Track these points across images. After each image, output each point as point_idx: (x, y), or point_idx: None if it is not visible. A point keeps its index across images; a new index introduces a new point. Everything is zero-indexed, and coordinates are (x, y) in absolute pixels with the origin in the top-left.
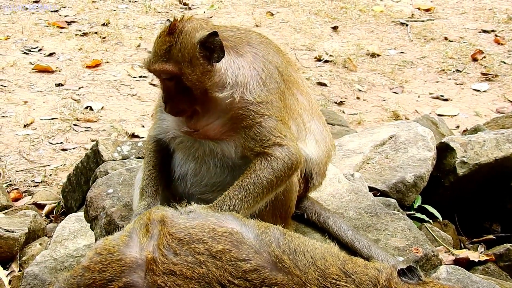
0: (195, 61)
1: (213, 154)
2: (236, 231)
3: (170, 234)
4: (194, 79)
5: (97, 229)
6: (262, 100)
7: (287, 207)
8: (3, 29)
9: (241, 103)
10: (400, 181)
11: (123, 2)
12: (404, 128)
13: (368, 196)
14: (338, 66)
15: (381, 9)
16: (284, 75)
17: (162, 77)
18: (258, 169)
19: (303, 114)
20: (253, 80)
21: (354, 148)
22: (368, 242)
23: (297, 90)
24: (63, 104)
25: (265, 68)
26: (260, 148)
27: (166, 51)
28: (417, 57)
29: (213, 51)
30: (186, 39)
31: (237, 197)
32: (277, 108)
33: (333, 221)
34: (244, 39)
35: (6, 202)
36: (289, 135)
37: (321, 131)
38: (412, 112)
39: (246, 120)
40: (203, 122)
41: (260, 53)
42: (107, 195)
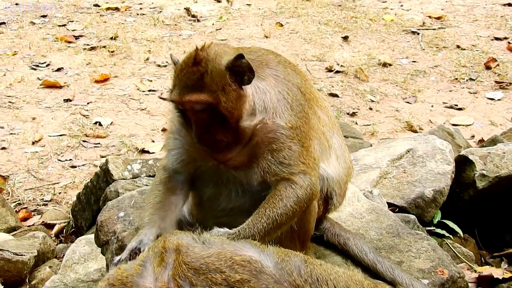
0: (228, 88)
1: (236, 180)
2: (255, 260)
3: (186, 264)
4: (229, 106)
5: (108, 254)
6: (292, 126)
7: (305, 230)
8: (10, 44)
9: (272, 127)
10: (419, 196)
11: (131, 15)
12: (422, 141)
13: (389, 215)
14: (349, 76)
15: (391, 18)
16: (306, 95)
17: (196, 108)
18: (285, 197)
19: (326, 131)
20: (280, 105)
21: (371, 162)
22: (391, 264)
23: (317, 107)
24: (72, 120)
25: (289, 91)
26: (287, 173)
27: (198, 81)
28: (430, 66)
29: (242, 74)
30: (215, 67)
31: (262, 226)
32: (304, 133)
33: (353, 243)
34: (263, 62)
35: (15, 223)
36: (312, 163)
37: (340, 146)
38: (426, 122)
39: (276, 143)
40: (233, 153)
41: (280, 74)
42: (118, 219)
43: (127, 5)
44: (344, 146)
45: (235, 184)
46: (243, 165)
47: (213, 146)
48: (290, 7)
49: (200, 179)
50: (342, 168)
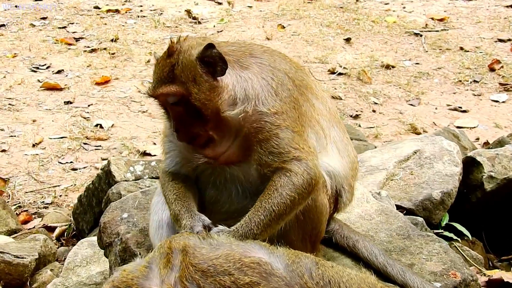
0: (199, 79)
1: (234, 179)
2: (265, 261)
3: (193, 265)
4: (202, 98)
5: (111, 257)
6: (277, 111)
7: (317, 231)
8: (10, 46)
9: (255, 116)
10: (426, 198)
11: (131, 17)
12: (429, 143)
13: (399, 216)
14: (352, 78)
15: (394, 20)
16: (296, 81)
17: (169, 101)
18: (279, 186)
19: (321, 120)
20: (264, 91)
21: (377, 164)
22: (402, 267)
23: (312, 95)
24: (73, 122)
25: (274, 76)
26: (279, 162)
27: (169, 73)
28: (433, 68)
29: (214, 64)
30: (186, 58)
31: (259, 219)
32: (293, 118)
33: (363, 245)
34: (246, 52)
35: (15, 225)
36: (306, 148)
37: (341, 139)
38: (430, 125)
39: (262, 132)
40: (221, 147)
41: (265, 62)
42: (121, 220)
43: (127, 7)
44: (346, 139)
45: (234, 183)
46: (236, 160)
47: (193, 140)
48: (291, 9)
49: (200, 181)
50: (347, 163)
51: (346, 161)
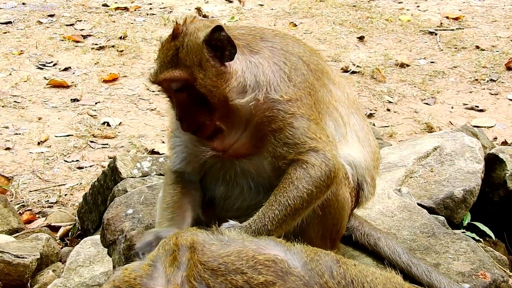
0: (205, 64)
1: (245, 174)
2: (281, 259)
3: (202, 263)
4: (208, 84)
5: (115, 255)
6: (291, 98)
7: (338, 227)
8: (16, 43)
9: (266, 104)
10: (448, 196)
11: (140, 15)
12: (449, 139)
13: (423, 213)
14: (366, 77)
15: (408, 18)
16: (311, 65)
17: (173, 87)
18: (295, 179)
19: (340, 107)
20: (276, 77)
21: (395, 161)
22: (427, 267)
23: (329, 80)
24: (79, 120)
25: (286, 60)
26: (294, 154)
27: (173, 57)
28: (449, 66)
29: (222, 48)
30: (191, 41)
31: (274, 214)
32: (308, 105)
33: (385, 243)
34: (257, 35)
35: (17, 224)
36: (324, 138)
37: (362, 127)
38: (446, 124)
39: (275, 122)
40: (230, 139)
41: (277, 45)
42: (126, 216)
43: (136, 5)
44: (367, 128)
45: (245, 178)
46: (247, 153)
47: (198, 131)
48: (303, 7)
49: (209, 177)
50: (368, 153)
51: (367, 151)
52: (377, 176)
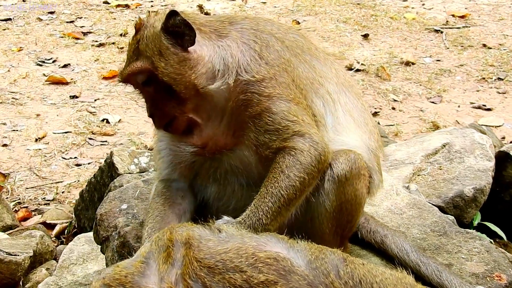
0: (165, 51)
1: (234, 170)
2: (283, 257)
3: (198, 260)
4: (171, 72)
5: (108, 252)
6: (264, 77)
7: (352, 223)
8: (16, 40)
9: (239, 87)
10: (457, 195)
11: (141, 12)
12: (459, 135)
13: (433, 211)
14: (370, 75)
15: (413, 16)
16: (286, 41)
17: (139, 81)
18: (285, 167)
19: (326, 83)
20: (245, 56)
21: (403, 158)
22: (438, 266)
23: (311, 56)
24: (78, 117)
25: (257, 38)
26: (279, 141)
27: (134, 50)
28: (455, 65)
29: (182, 34)
30: (150, 31)
31: (267, 207)
32: (285, 84)
33: (392, 241)
34: (225, 21)
35: (11, 221)
36: (307, 119)
37: (356, 106)
38: (452, 123)
39: (252, 106)
40: (208, 131)
41: (246, 26)
42: (120, 212)
43: (137, 3)
44: (361, 106)
45: (234, 175)
46: (229, 144)
47: (171, 126)
48: (307, 5)
49: (199, 179)
50: (367, 132)
51: (365, 130)
52: (381, 161)
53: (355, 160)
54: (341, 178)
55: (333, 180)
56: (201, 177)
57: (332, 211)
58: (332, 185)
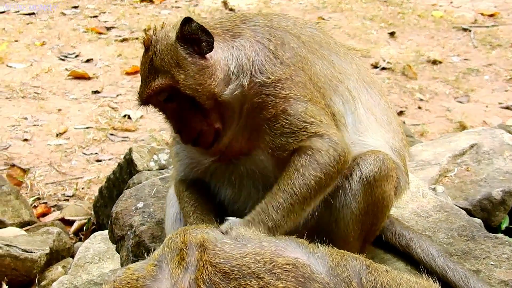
0: (183, 62)
1: (249, 174)
2: (303, 263)
3: (213, 265)
4: (192, 83)
5: (123, 252)
6: (279, 77)
7: (377, 226)
8: (39, 34)
9: (253, 89)
10: (485, 197)
11: (165, 7)
12: (487, 136)
13: (461, 214)
14: (396, 73)
15: (441, 14)
16: (302, 36)
17: (160, 99)
18: (300, 166)
19: (346, 80)
20: (259, 56)
21: (429, 158)
22: (465, 272)
23: (330, 51)
24: (99, 112)
25: (271, 36)
26: (295, 143)
27: (150, 69)
28: (483, 64)
29: (198, 40)
30: (163, 44)
31: (278, 202)
32: (301, 83)
33: (418, 245)
34: (237, 20)
35: (29, 217)
36: (326, 119)
37: (378, 104)
38: (480, 123)
39: (267, 109)
40: (226, 138)
41: (260, 22)
42: (136, 210)
43: None
44: (385, 105)
45: (251, 179)
46: (245, 148)
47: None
48: (333, 1)
49: (214, 182)
50: (388, 132)
51: (389, 129)
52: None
53: (384, 161)
54: (370, 179)
55: (361, 181)
56: (216, 180)
57: (359, 213)
58: (359, 186)
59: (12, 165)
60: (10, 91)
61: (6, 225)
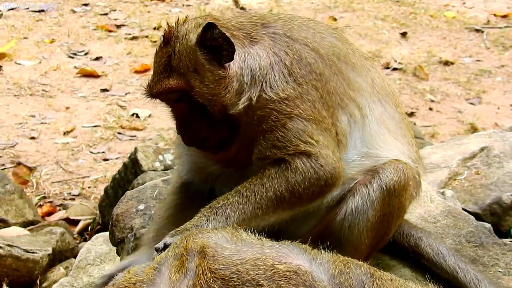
0: (201, 68)
1: None
2: (304, 270)
3: (212, 271)
4: (206, 92)
5: (123, 255)
6: (288, 96)
7: (389, 236)
8: (48, 31)
9: (259, 102)
10: (495, 201)
11: (176, 6)
12: (498, 139)
13: (470, 220)
14: (408, 74)
15: (453, 15)
16: (321, 50)
17: (170, 98)
18: (266, 176)
19: (358, 97)
20: (274, 70)
21: (438, 161)
22: (477, 274)
23: (347, 65)
24: (108, 110)
25: (289, 49)
26: (280, 154)
27: (166, 65)
28: (495, 65)
29: (219, 48)
30: (183, 44)
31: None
32: (310, 101)
33: (427, 243)
34: (257, 22)
35: (33, 216)
36: (323, 140)
37: (393, 117)
38: (491, 125)
39: (267, 122)
40: (232, 148)
41: (279, 30)
42: (137, 213)
43: None
44: (399, 117)
45: None
46: (249, 159)
47: (203, 144)
48: (344, 1)
49: (218, 188)
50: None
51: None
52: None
53: (404, 170)
54: (389, 188)
55: (381, 189)
56: (222, 184)
57: (375, 221)
58: (379, 195)
59: (19, 163)
60: (18, 89)
61: (9, 224)
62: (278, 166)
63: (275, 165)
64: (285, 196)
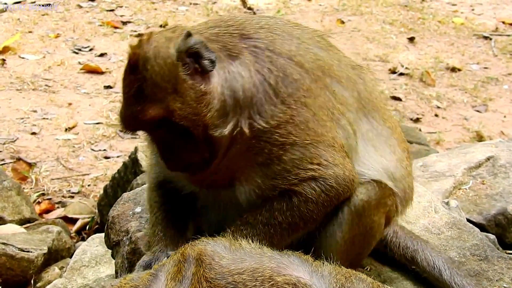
0: (181, 87)
1: (234, 204)
2: (304, 283)
3: (208, 280)
4: (188, 113)
5: (118, 259)
6: (279, 122)
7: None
8: (54, 26)
9: (251, 133)
10: (500, 212)
11: (183, 4)
12: (505, 148)
13: (475, 232)
14: (414, 79)
15: (461, 21)
16: (306, 64)
17: (149, 127)
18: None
19: (346, 112)
20: (259, 93)
21: (443, 170)
22: None
23: (332, 78)
24: (111, 107)
25: (272, 66)
26: (286, 185)
27: (138, 94)
28: (503, 73)
29: (199, 57)
30: (158, 65)
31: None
32: (303, 123)
33: (423, 257)
34: (235, 33)
35: (30, 214)
36: (326, 160)
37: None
38: (497, 133)
39: (260, 154)
40: (211, 168)
41: (261, 44)
42: (133, 215)
43: None
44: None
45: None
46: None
47: (188, 168)
48: (353, 4)
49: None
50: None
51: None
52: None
53: (375, 189)
54: (358, 208)
55: (349, 210)
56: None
57: (343, 243)
58: (347, 216)
59: (18, 158)
60: (21, 83)
61: (5, 221)
62: (288, 198)
63: (283, 197)
64: (299, 224)
